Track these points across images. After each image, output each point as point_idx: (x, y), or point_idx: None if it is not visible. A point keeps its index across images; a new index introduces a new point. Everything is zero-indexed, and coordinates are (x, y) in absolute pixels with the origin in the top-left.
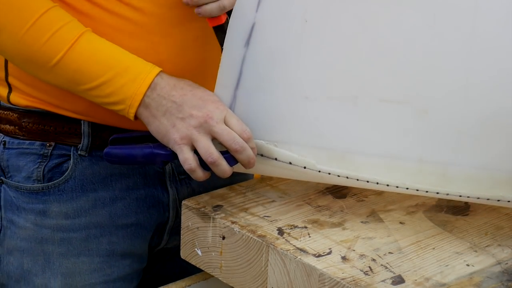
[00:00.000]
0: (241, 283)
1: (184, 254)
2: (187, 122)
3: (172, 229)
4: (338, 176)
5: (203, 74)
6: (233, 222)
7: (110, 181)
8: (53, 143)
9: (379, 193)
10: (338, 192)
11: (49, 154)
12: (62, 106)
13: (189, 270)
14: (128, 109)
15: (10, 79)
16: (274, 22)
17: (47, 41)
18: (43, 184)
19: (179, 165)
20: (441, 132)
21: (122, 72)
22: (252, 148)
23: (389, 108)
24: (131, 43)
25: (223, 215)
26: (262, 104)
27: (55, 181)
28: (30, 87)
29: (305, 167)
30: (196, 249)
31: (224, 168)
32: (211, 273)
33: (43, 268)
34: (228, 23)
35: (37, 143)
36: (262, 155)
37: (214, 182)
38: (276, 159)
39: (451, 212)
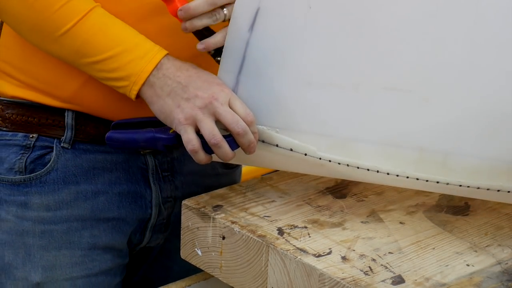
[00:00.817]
0: (241, 283)
1: (184, 254)
2: (192, 102)
3: (155, 227)
4: (339, 163)
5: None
6: (233, 222)
7: (93, 174)
8: (36, 135)
9: (379, 193)
10: (338, 192)
11: (31, 145)
12: (49, 92)
13: (174, 270)
14: (131, 85)
15: (0, 64)
16: (278, 8)
17: (59, 9)
18: (24, 176)
19: (163, 162)
20: (443, 121)
21: (130, 48)
22: (253, 133)
23: (390, 96)
24: (139, 25)
25: (223, 215)
26: (264, 89)
27: (37, 173)
28: (20, 72)
29: (306, 154)
30: (196, 249)
31: (226, 150)
32: (211, 273)
33: (23, 261)
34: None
35: (20, 134)
36: (263, 141)
37: (198, 180)
38: (277, 145)
39: (451, 212)
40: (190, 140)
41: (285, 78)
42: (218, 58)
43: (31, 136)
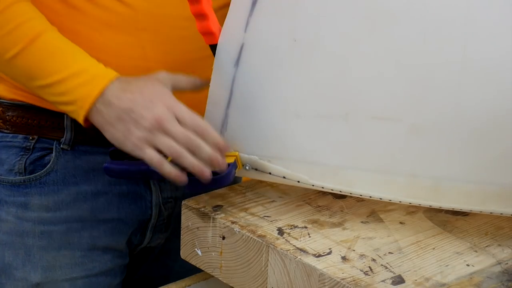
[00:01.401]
0: (241, 283)
1: (184, 254)
2: (140, 124)
3: (155, 227)
4: (332, 190)
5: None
6: (233, 222)
7: (93, 175)
8: (36, 137)
9: None
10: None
11: (31, 147)
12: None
13: (175, 269)
14: (78, 110)
15: None
16: (263, 42)
17: (8, 33)
18: (24, 177)
19: None
20: (433, 147)
21: (78, 72)
22: (214, 140)
23: (380, 124)
24: (118, 37)
25: (223, 215)
26: (254, 121)
27: (36, 174)
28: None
29: (298, 181)
30: (196, 249)
31: (192, 160)
32: (211, 273)
33: (23, 262)
34: None
35: (20, 136)
36: (256, 170)
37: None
38: (270, 173)
39: (451, 212)
40: (151, 158)
41: (274, 111)
42: None
43: (31, 137)
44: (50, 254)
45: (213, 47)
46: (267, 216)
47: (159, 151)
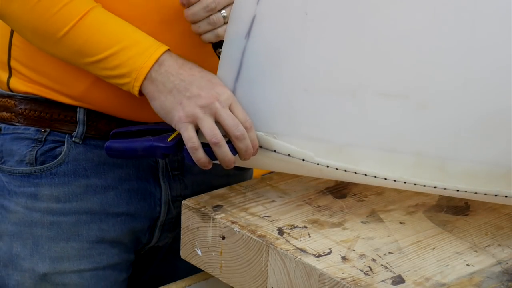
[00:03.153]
0: (241, 283)
1: (184, 254)
2: (193, 101)
3: (164, 225)
4: (336, 169)
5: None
6: (233, 222)
7: (103, 169)
8: (48, 130)
9: (379, 193)
10: (338, 192)
11: (43, 139)
12: (60, 90)
13: (181, 269)
14: (133, 82)
15: (12, 63)
16: (274, 15)
17: (58, 11)
18: (35, 167)
19: (173, 161)
20: (440, 126)
21: (130, 45)
22: (252, 140)
23: (387, 101)
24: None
25: (223, 215)
26: (261, 96)
27: (47, 164)
28: (31, 71)
29: (303, 160)
30: (196, 249)
31: (226, 150)
32: (211, 273)
33: (31, 252)
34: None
35: (32, 128)
36: (261, 147)
37: (208, 180)
38: (275, 151)
39: (451, 212)
40: (190, 138)
41: (282, 85)
42: (219, 50)
43: (43, 130)
44: (59, 245)
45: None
46: (267, 216)
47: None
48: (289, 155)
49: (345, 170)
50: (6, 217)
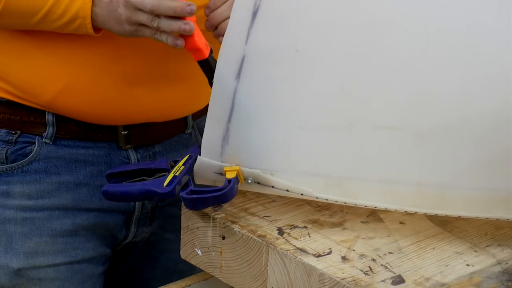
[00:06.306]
0: (241, 283)
1: (184, 254)
2: (120, 5)
3: (139, 220)
4: (336, 202)
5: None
6: (233, 222)
7: (75, 166)
8: (18, 132)
9: None
10: None
11: (14, 140)
12: (27, 98)
13: (162, 260)
14: (83, 21)
15: None
16: (264, 54)
17: None
18: (6, 166)
19: (144, 156)
20: (439, 156)
21: None
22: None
23: (384, 134)
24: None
25: (223, 215)
26: (256, 134)
27: (18, 163)
28: None
29: (302, 194)
30: (196, 249)
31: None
32: (211, 273)
33: (5, 249)
34: (211, 56)
35: (3, 130)
36: (259, 183)
37: None
38: (273, 187)
39: None
40: (145, 30)
41: (277, 123)
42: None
43: (13, 132)
44: (33, 241)
45: (201, 63)
46: (267, 216)
47: None
48: (287, 190)
49: (345, 203)
50: None
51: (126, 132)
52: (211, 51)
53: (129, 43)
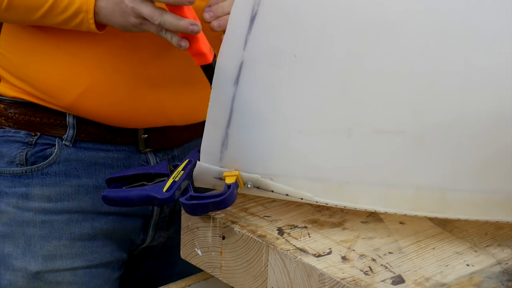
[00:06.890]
0: (241, 283)
1: (184, 254)
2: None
3: (157, 224)
4: (336, 205)
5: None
6: (233, 222)
7: (94, 169)
8: (38, 133)
9: None
10: None
11: (33, 142)
12: (48, 100)
13: (178, 266)
14: (86, 15)
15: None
16: (262, 59)
17: None
18: (26, 168)
19: (164, 160)
20: (438, 158)
21: None
22: None
23: (384, 137)
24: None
25: (223, 215)
26: (255, 139)
27: (38, 165)
28: (18, 80)
29: (302, 198)
30: (196, 249)
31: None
32: (211, 273)
33: (23, 251)
34: (215, 61)
35: (23, 132)
36: (258, 188)
37: None
38: (272, 191)
39: None
40: (151, 12)
41: (275, 128)
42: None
43: (33, 134)
44: (51, 244)
45: (205, 68)
46: (267, 216)
47: None
48: (286, 195)
49: (345, 207)
50: None
51: (146, 135)
52: (215, 56)
53: (152, 47)
